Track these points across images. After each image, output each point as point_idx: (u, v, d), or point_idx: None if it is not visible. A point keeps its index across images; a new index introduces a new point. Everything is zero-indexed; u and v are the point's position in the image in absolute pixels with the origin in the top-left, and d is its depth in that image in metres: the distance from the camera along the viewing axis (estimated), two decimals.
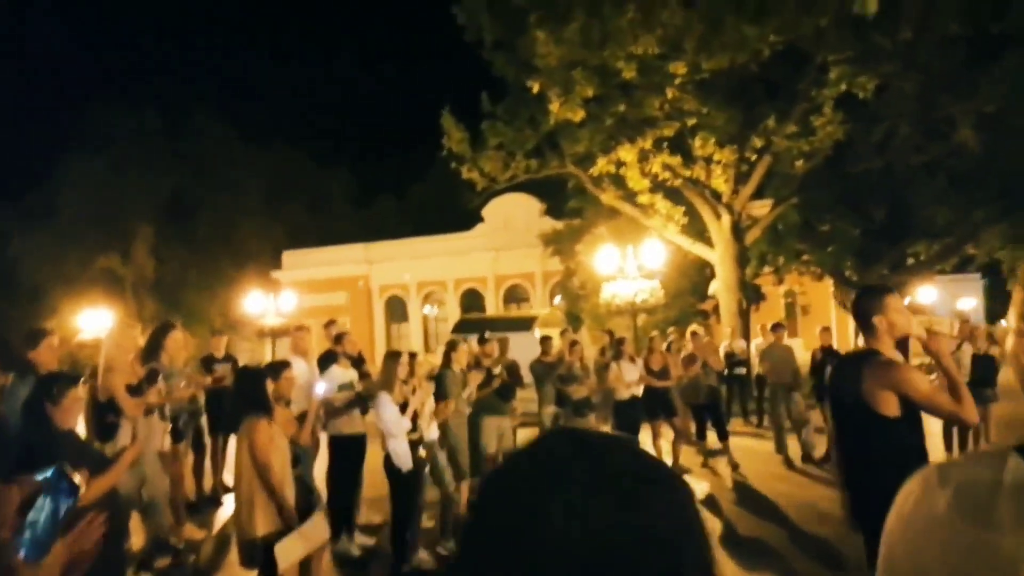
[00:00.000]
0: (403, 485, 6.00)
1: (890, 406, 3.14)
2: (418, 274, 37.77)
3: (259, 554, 4.20)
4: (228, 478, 7.83)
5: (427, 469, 6.44)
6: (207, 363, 9.14)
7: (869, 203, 21.71)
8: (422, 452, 6.19)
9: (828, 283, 27.92)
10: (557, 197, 25.99)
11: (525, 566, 0.66)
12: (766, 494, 8.25)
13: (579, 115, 14.06)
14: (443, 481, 6.66)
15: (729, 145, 14.50)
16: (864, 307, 3.42)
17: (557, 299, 30.77)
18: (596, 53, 13.26)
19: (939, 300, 35.11)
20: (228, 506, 7.61)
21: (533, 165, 17.66)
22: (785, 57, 13.53)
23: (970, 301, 47.79)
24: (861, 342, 3.58)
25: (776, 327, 10.50)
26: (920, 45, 13.28)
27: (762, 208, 18.74)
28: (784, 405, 9.78)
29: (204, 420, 8.57)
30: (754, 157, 15.26)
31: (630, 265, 15.66)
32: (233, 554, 5.31)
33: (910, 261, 23.97)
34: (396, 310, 39.41)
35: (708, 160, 14.91)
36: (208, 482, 8.91)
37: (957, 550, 0.88)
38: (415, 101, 75.45)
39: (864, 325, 3.38)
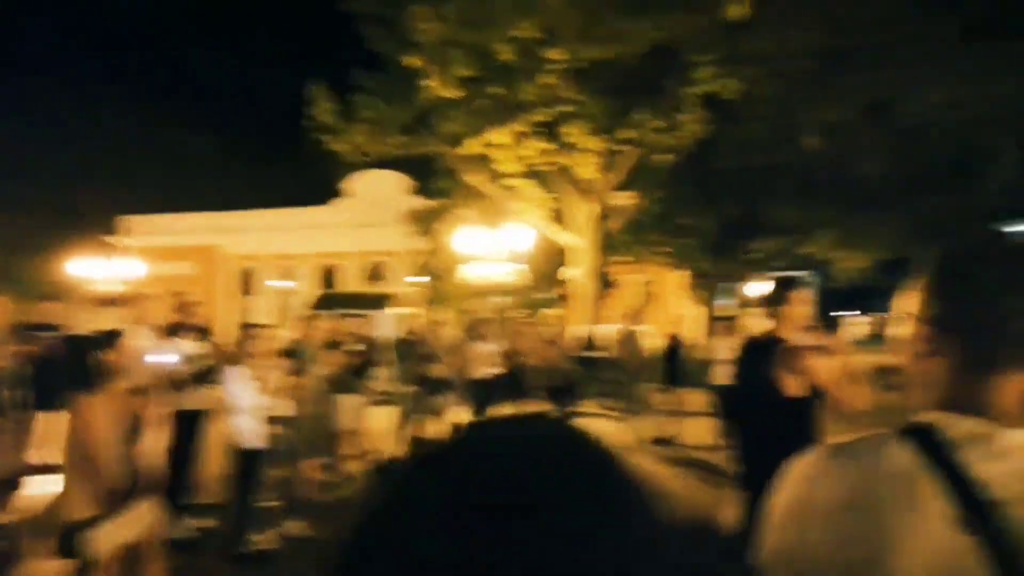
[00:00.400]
0: (246, 462, 5.71)
1: (796, 388, 3.41)
2: (273, 246, 36.39)
3: (74, 541, 3.84)
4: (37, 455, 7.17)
5: (274, 447, 6.16)
6: (27, 331, 8.31)
7: (725, 200, 22.93)
8: (273, 429, 5.91)
9: (680, 274, 29.36)
10: (427, 176, 25.75)
11: None
12: None
13: (455, 94, 13.91)
14: (293, 459, 6.41)
15: (600, 135, 14.80)
16: (773, 297, 3.74)
17: (418, 279, 30.57)
18: (475, 33, 13.14)
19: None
20: (38, 486, 6.98)
21: (406, 141, 17.34)
22: (657, 53, 13.94)
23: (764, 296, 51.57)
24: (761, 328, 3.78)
25: (630, 313, 10.86)
26: (777, 55, 14.05)
27: (626, 199, 19.32)
28: (630, 388, 10.17)
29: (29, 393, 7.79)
30: (623, 148, 15.67)
31: (495, 247, 15.73)
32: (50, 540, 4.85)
33: (754, 256, 25.58)
34: (248, 283, 37.83)
35: (577, 148, 15.17)
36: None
37: (841, 533, 0.90)
38: (282, 70, 72.33)
39: (772, 313, 3.71)
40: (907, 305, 1.05)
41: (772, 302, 3.76)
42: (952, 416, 0.94)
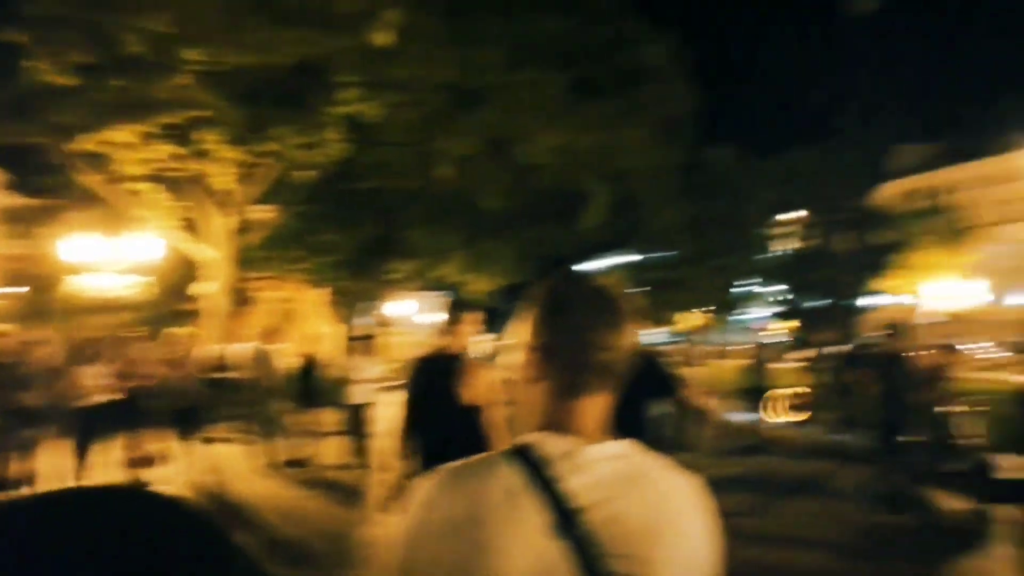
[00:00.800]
0: None
1: (471, 399, 3.78)
2: None
3: None
4: None
5: None
6: None
7: (363, 219, 23.39)
8: None
9: (319, 292, 29.19)
10: (29, 170, 22.18)
11: None
12: (245, 498, 8.17)
13: (69, 81, 12.22)
14: None
15: (238, 144, 14.14)
16: (452, 317, 4.22)
17: (10, 289, 26.10)
18: (97, 15, 11.70)
19: (414, 314, 39.49)
20: None
21: (4, 128, 14.77)
22: (303, 69, 13.80)
23: (436, 316, 54.83)
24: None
25: (266, 331, 10.54)
26: (418, 85, 14.82)
27: (263, 213, 18.69)
28: (267, 410, 9.85)
29: None
30: (263, 161, 15.17)
31: (113, 256, 14.15)
32: None
33: (392, 276, 26.50)
34: None
35: (212, 156, 14.32)
36: None
37: (454, 551, 0.99)
38: None
39: (451, 331, 4.14)
40: (517, 333, 1.21)
41: (448, 321, 4.20)
42: (549, 435, 1.09)
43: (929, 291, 28.37)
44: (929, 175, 33.62)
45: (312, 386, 10.02)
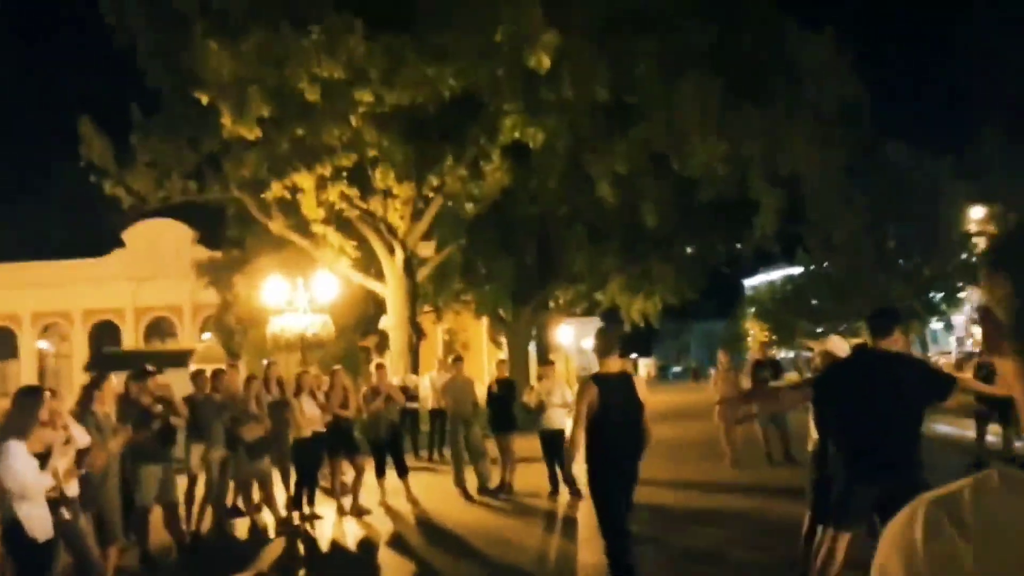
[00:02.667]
0: (33, 559, 4.70)
1: None
2: (34, 303, 32.24)
3: None
4: None
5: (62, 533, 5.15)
6: None
7: (523, 247, 23.59)
8: (63, 513, 4.94)
9: (482, 321, 29.71)
10: (210, 225, 24.13)
11: None
12: (450, 527, 8.13)
13: (254, 134, 13.09)
14: (83, 549, 5.39)
15: (407, 181, 14.62)
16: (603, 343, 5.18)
17: (207, 334, 28.35)
18: (275, 71, 12.52)
19: (570, 339, 39.50)
20: None
21: (192, 186, 16.10)
22: (462, 101, 14.09)
23: (592, 341, 54.63)
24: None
25: (457, 360, 10.61)
26: (574, 107, 14.75)
27: (428, 248, 19.20)
28: (464, 437, 9.85)
29: None
30: (431, 195, 15.58)
31: (300, 298, 14.92)
32: None
33: (551, 304, 26.49)
34: (2, 344, 33.17)
35: (386, 194, 14.86)
36: None
37: None
38: (40, 104, 64.85)
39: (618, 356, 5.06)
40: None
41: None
42: None
43: None
44: None
45: (508, 412, 9.95)
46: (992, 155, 23.90)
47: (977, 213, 28.53)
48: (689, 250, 24.15)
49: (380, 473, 9.50)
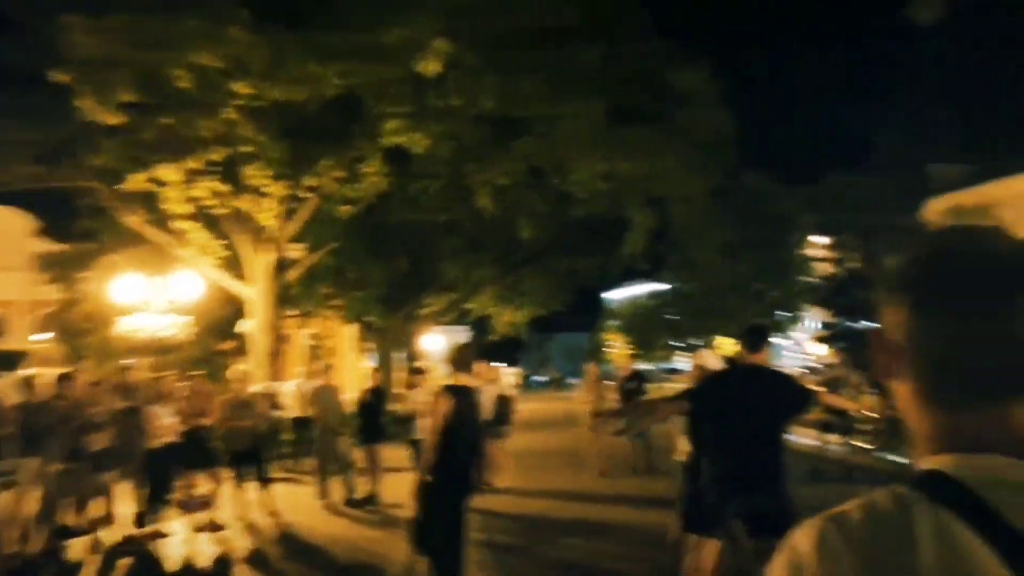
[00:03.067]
0: None
1: None
2: None
3: None
4: None
5: None
6: None
7: (396, 254, 23.27)
8: None
9: (350, 327, 29.03)
10: (58, 216, 22.30)
11: None
12: (314, 541, 7.82)
13: (116, 120, 12.14)
14: None
15: (282, 180, 14.03)
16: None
17: (46, 334, 26.10)
18: (146, 54, 11.67)
19: (439, 348, 39.42)
20: None
21: (40, 172, 14.78)
22: (345, 101, 13.72)
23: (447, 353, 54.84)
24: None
25: (327, 367, 10.26)
26: (460, 116, 14.69)
27: (298, 250, 18.52)
28: (331, 448, 9.52)
29: None
30: (305, 195, 15.04)
31: (157, 297, 13.99)
32: None
33: (423, 311, 26.27)
34: None
35: (258, 192, 14.20)
36: None
37: None
38: None
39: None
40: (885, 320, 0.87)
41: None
42: (964, 457, 0.75)
43: None
44: (970, 192, 33.08)
45: (377, 422, 9.69)
46: (838, 191, 25.97)
47: (819, 241, 30.95)
48: (561, 264, 24.62)
49: (240, 485, 9.02)
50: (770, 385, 4.93)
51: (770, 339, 5.22)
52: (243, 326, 16.70)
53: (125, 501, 8.32)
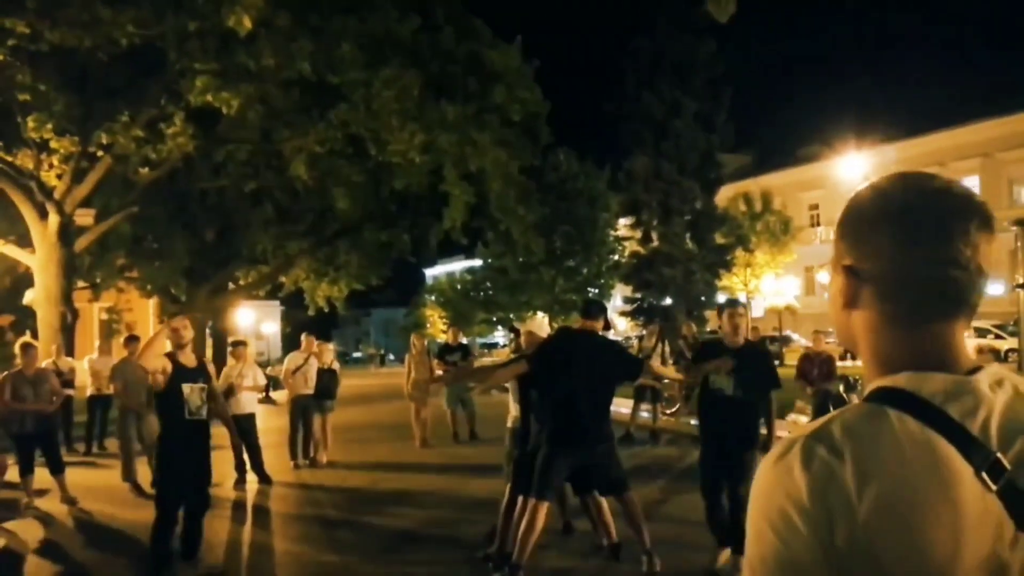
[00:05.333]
0: None
1: None
2: None
3: None
4: None
5: None
6: None
7: (201, 224, 21.80)
8: None
9: (150, 301, 26.89)
10: None
11: None
12: (119, 527, 7.22)
13: None
14: None
15: (67, 135, 12.63)
16: None
17: None
18: None
19: (250, 323, 37.58)
20: None
21: None
22: (144, 55, 12.58)
23: (272, 326, 52.59)
24: None
25: (131, 340, 9.44)
26: (273, 77, 13.96)
27: (87, 216, 16.84)
28: (136, 427, 8.79)
29: None
30: (99, 153, 13.66)
31: None
32: None
33: (232, 285, 24.87)
34: None
35: (41, 147, 12.70)
36: None
37: (892, 532, 0.84)
38: None
39: None
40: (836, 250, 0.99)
41: None
42: (917, 375, 0.88)
43: (765, 288, 31.08)
44: (751, 181, 36.59)
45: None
46: (639, 172, 27.63)
47: (625, 222, 32.92)
48: (378, 238, 24.23)
49: (27, 471, 8.12)
50: (605, 350, 5.19)
51: (604, 312, 5.48)
52: (28, 296, 14.97)
53: None
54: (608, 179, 32.30)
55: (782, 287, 31.00)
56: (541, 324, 5.95)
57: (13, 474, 8.02)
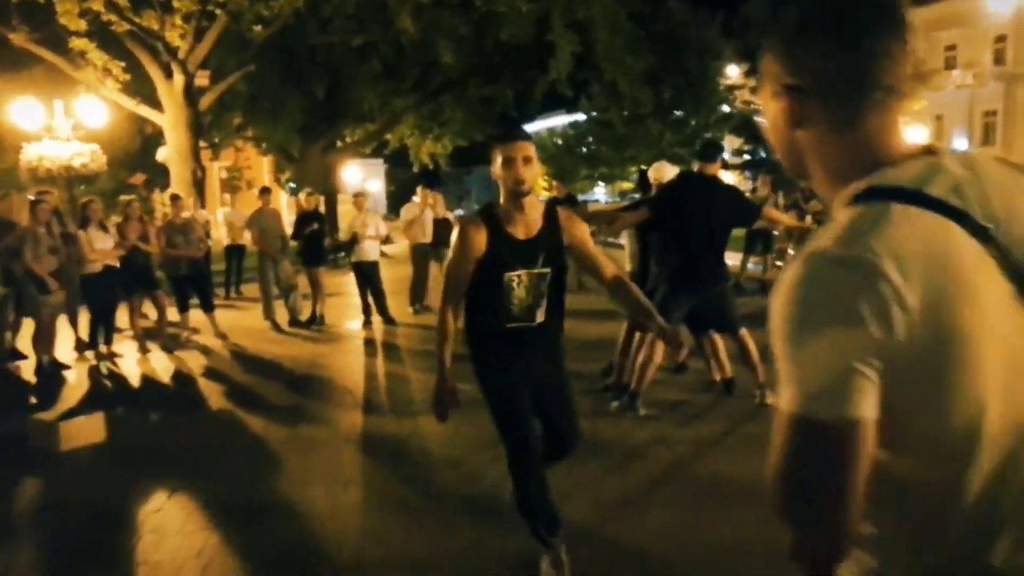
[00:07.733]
0: None
1: None
2: None
3: None
4: None
5: None
6: None
7: (312, 82, 22.17)
8: None
9: (265, 159, 27.99)
10: None
11: None
12: (266, 357, 8.05)
13: None
14: None
15: None
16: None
17: None
18: None
19: (356, 181, 38.66)
20: None
21: None
22: None
23: (376, 183, 53.95)
24: None
25: (264, 192, 10.05)
26: None
27: (203, 77, 17.42)
28: (273, 272, 9.55)
29: None
30: (218, 12, 13.98)
31: (61, 124, 13.10)
32: None
33: (340, 144, 25.50)
34: None
35: (164, 7, 13.10)
36: None
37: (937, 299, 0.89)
38: None
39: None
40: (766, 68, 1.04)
41: None
42: (886, 170, 0.94)
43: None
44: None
45: (319, 245, 9.72)
46: (755, 16, 25.85)
47: (734, 71, 31.14)
48: (482, 93, 24.03)
49: (183, 309, 9.07)
50: (724, 195, 5.25)
51: (721, 153, 5.49)
52: (161, 153, 15.93)
53: (66, 326, 8.27)
54: (720, 25, 30.47)
55: (909, 137, 29.07)
56: (667, 168, 6.02)
57: (172, 314, 8.98)
